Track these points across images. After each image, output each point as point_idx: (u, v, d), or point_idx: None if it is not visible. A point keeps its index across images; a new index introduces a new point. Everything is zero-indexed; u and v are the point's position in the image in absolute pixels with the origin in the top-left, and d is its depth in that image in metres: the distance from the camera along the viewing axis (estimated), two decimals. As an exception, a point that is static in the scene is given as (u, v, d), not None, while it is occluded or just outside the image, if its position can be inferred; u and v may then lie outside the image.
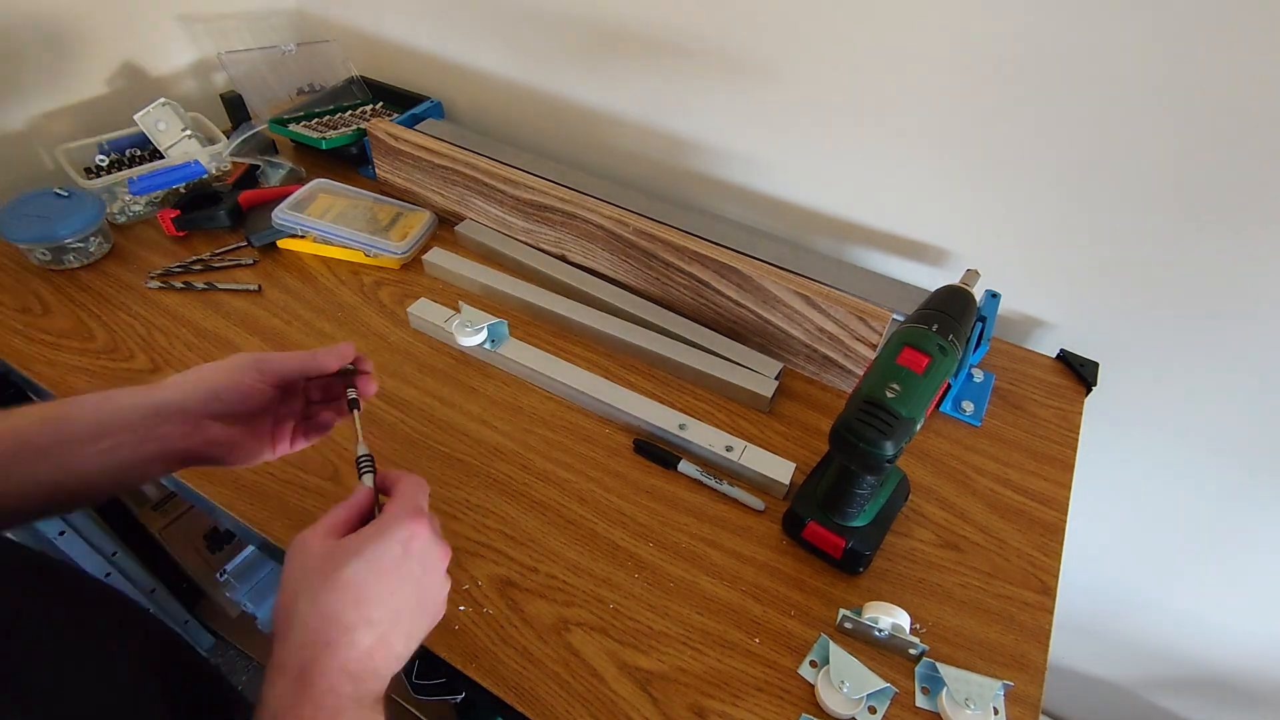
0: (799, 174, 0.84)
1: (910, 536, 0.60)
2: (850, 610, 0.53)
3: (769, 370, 0.71)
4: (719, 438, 0.65)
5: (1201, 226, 0.65)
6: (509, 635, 0.52)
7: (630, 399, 0.68)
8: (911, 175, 0.77)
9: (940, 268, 0.82)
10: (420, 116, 0.99)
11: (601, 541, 0.58)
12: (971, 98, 0.68)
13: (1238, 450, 0.77)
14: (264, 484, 0.60)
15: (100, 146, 0.90)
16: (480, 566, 0.56)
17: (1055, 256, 0.74)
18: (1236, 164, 0.61)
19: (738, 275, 0.71)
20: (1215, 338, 0.71)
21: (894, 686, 0.50)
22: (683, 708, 0.49)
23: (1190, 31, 0.57)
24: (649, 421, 0.66)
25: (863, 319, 0.66)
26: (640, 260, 0.77)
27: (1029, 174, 0.70)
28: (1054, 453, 0.68)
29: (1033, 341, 0.82)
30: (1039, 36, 0.63)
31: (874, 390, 0.49)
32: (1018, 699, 0.51)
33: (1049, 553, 0.60)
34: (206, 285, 0.79)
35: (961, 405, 0.71)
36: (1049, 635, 0.54)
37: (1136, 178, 0.66)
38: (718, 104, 0.83)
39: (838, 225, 0.85)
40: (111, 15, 0.93)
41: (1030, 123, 0.67)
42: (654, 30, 0.82)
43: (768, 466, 0.62)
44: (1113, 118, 0.63)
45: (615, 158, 0.97)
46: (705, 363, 0.71)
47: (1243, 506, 0.81)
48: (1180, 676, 1.05)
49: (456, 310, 0.75)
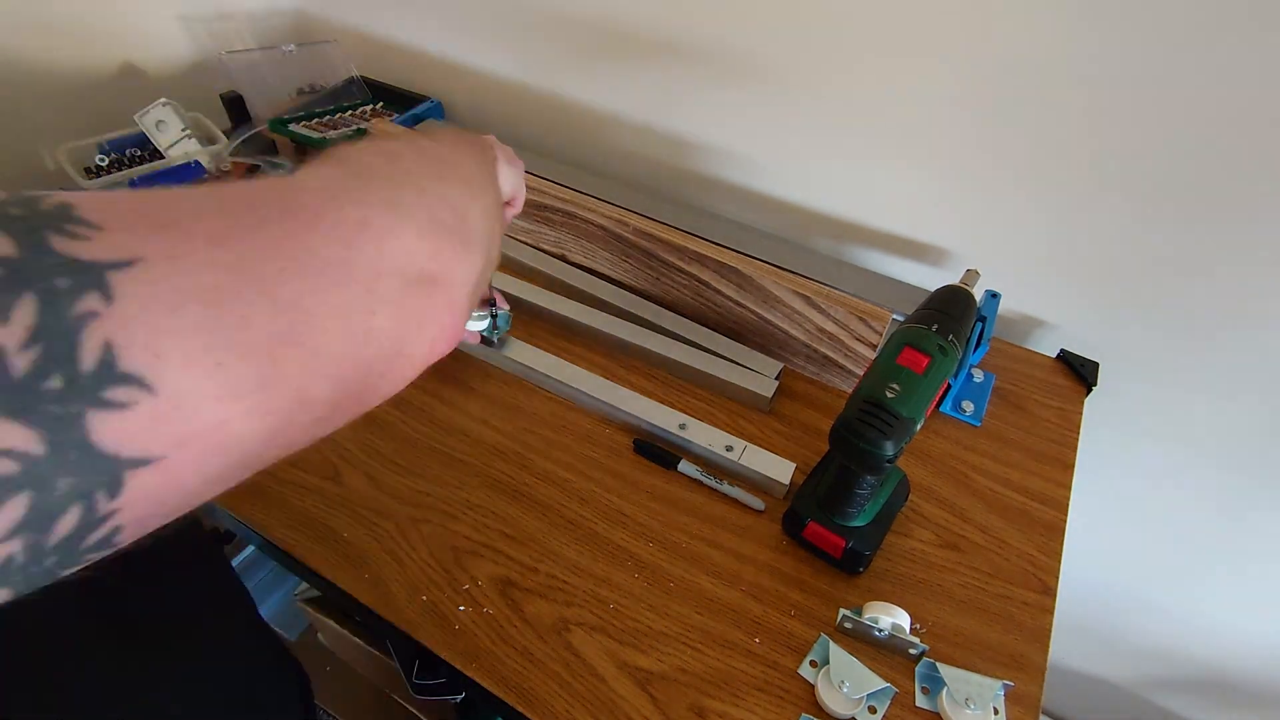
0: (799, 174, 0.84)
1: (910, 536, 0.60)
2: (850, 610, 0.53)
3: (769, 370, 0.71)
4: (719, 438, 0.65)
5: (1202, 226, 0.65)
6: (509, 635, 0.52)
7: (630, 399, 0.68)
8: (911, 175, 0.77)
9: (940, 268, 0.82)
10: (420, 116, 0.99)
11: (601, 541, 0.58)
12: (972, 98, 0.68)
13: (1238, 450, 0.77)
14: (264, 484, 0.60)
15: (100, 146, 0.90)
16: (480, 566, 0.56)
17: (1055, 256, 0.74)
18: (1237, 164, 0.61)
19: (738, 275, 0.71)
20: (1215, 337, 0.71)
21: (894, 686, 0.50)
22: (683, 708, 0.49)
23: (1190, 33, 0.57)
24: (649, 421, 0.66)
25: (863, 319, 0.66)
26: (640, 260, 0.77)
27: (1029, 174, 0.70)
28: (1054, 453, 0.68)
29: (1033, 341, 0.82)
30: (1039, 36, 0.63)
31: (874, 390, 0.49)
32: (1018, 699, 0.51)
33: (1049, 553, 0.60)
34: (206, 285, 0.79)
35: (961, 405, 0.71)
36: (1049, 635, 0.54)
37: (1137, 178, 0.66)
38: (718, 104, 0.83)
39: (838, 225, 0.85)
40: (111, 15, 0.93)
41: (1031, 123, 0.67)
42: (654, 30, 0.82)
43: (768, 466, 0.62)
44: (1113, 118, 0.64)
45: (615, 157, 0.97)
46: (705, 363, 0.71)
47: (1243, 506, 0.81)
48: (1180, 676, 1.05)
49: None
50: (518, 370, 0.72)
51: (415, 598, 0.54)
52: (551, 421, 0.68)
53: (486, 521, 0.59)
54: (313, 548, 0.57)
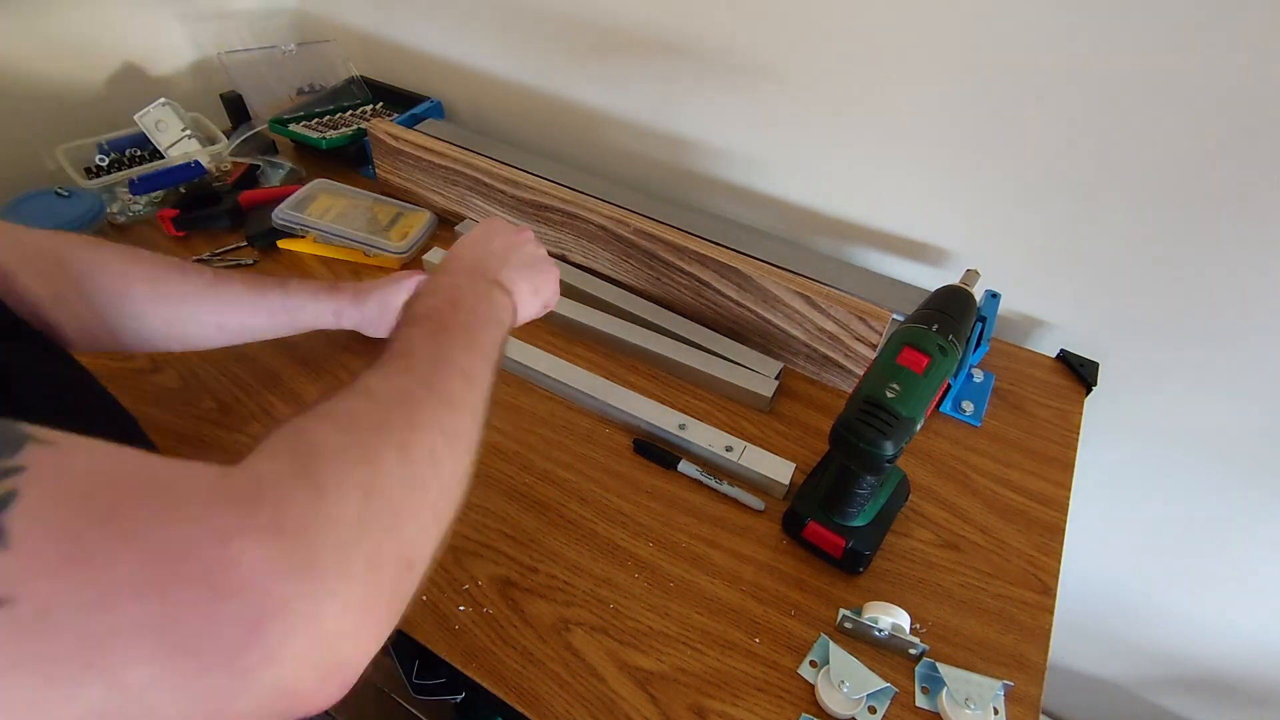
0: (799, 174, 0.84)
1: (910, 536, 0.60)
2: (850, 610, 0.53)
3: (769, 370, 0.71)
4: (719, 438, 0.65)
5: (1202, 226, 0.65)
6: (509, 635, 0.52)
7: (630, 399, 0.68)
8: (912, 175, 0.77)
9: (940, 268, 0.82)
10: (420, 116, 0.99)
11: (601, 541, 0.58)
12: (972, 97, 0.68)
13: (1238, 450, 0.77)
14: (264, 484, 0.60)
15: (100, 146, 0.90)
16: (480, 566, 0.56)
17: (1055, 256, 0.74)
18: (1238, 163, 0.61)
19: (738, 275, 0.71)
20: (1216, 337, 0.71)
21: (894, 686, 0.50)
22: (683, 708, 0.49)
23: (1191, 31, 0.57)
24: (649, 421, 0.66)
25: (863, 319, 0.66)
26: (641, 260, 0.77)
27: (1029, 174, 0.70)
28: (1054, 453, 0.68)
29: (1033, 341, 0.82)
30: (1040, 36, 0.63)
31: (874, 390, 0.49)
32: (1018, 699, 0.51)
33: (1049, 553, 0.60)
34: (206, 285, 0.79)
35: (961, 405, 0.71)
36: (1049, 635, 0.54)
37: (1137, 177, 0.66)
38: (718, 104, 0.83)
39: (838, 225, 0.85)
40: (111, 15, 0.93)
41: (1031, 123, 0.67)
42: (654, 30, 0.82)
43: (768, 466, 0.62)
44: (1114, 117, 0.64)
45: (615, 157, 0.97)
46: (705, 363, 0.71)
47: (1243, 506, 0.81)
48: (1180, 676, 1.05)
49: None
50: (518, 370, 0.72)
51: (415, 597, 0.54)
52: (551, 421, 0.68)
53: (486, 521, 0.59)
54: (313, 548, 0.57)
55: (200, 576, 0.20)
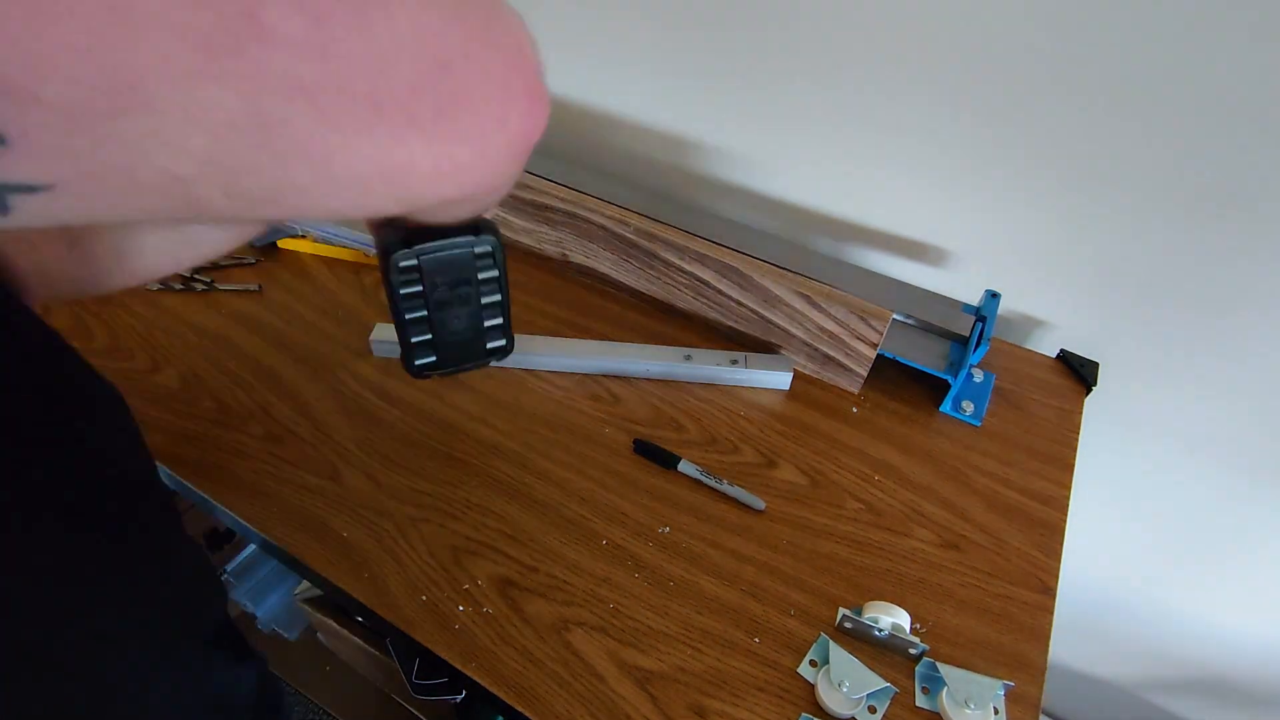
0: (799, 174, 0.84)
1: (910, 536, 0.60)
2: (850, 610, 0.53)
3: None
4: (723, 356, 0.66)
5: (1202, 226, 0.65)
6: (509, 635, 0.52)
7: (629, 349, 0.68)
8: (912, 175, 0.77)
9: (940, 268, 0.82)
10: (420, 116, 0.98)
11: (601, 541, 0.58)
12: (972, 97, 0.68)
13: (1238, 450, 0.77)
14: (264, 483, 0.60)
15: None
16: (480, 566, 0.56)
17: (1055, 256, 0.74)
18: (1238, 163, 0.61)
19: (738, 275, 0.71)
20: (1216, 337, 0.71)
21: (894, 686, 0.50)
22: (683, 707, 0.49)
23: (1192, 30, 0.57)
24: (655, 363, 0.69)
25: (863, 318, 0.66)
26: (641, 260, 0.77)
27: (1029, 174, 0.70)
28: (1054, 452, 0.68)
29: (1033, 341, 0.82)
30: (1040, 36, 0.63)
31: None
32: (1018, 699, 0.51)
33: (1049, 553, 0.60)
34: (206, 285, 0.79)
35: (961, 405, 0.71)
36: (1049, 635, 0.54)
37: (1138, 177, 0.66)
38: (718, 104, 0.83)
39: (838, 225, 0.85)
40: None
41: (1031, 122, 0.67)
42: (654, 30, 0.82)
43: (771, 380, 0.64)
44: (1114, 117, 0.63)
45: (615, 157, 0.97)
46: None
47: (1243, 506, 0.81)
48: (1180, 676, 1.05)
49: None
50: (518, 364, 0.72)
51: (415, 597, 0.54)
52: (551, 421, 0.68)
53: (486, 521, 0.59)
54: (312, 547, 0.57)
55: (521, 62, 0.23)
